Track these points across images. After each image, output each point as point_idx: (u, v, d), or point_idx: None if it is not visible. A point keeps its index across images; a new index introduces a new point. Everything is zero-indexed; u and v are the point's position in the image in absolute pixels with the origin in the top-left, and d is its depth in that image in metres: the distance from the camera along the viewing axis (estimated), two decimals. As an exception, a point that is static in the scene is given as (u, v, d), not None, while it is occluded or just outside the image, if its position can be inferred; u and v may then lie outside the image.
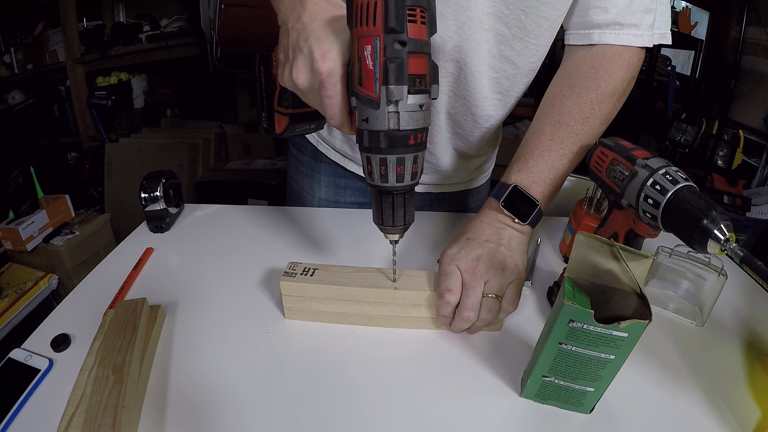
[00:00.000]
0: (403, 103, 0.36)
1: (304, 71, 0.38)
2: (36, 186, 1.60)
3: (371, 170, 0.39)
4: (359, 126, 0.38)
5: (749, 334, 0.52)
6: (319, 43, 0.37)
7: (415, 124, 0.37)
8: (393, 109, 0.36)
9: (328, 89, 0.37)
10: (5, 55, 2.38)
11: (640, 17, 0.52)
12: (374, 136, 0.37)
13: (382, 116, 0.36)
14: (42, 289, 1.42)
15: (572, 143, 0.52)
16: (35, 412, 0.40)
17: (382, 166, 0.38)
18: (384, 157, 0.38)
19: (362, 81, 0.36)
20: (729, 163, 1.99)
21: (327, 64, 0.37)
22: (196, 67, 2.31)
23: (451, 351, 0.48)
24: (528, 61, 0.57)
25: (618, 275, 0.38)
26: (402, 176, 0.39)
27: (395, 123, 0.36)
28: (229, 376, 0.44)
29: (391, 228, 0.43)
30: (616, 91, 0.53)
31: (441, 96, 0.59)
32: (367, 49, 0.34)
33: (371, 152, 0.38)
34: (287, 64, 0.40)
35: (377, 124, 0.36)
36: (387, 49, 0.34)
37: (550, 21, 0.54)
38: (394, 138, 0.37)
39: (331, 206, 0.78)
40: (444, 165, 0.70)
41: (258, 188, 2.00)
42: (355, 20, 0.35)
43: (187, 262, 0.62)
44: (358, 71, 0.36)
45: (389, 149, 0.37)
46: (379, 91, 0.35)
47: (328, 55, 0.37)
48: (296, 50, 0.39)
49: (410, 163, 0.39)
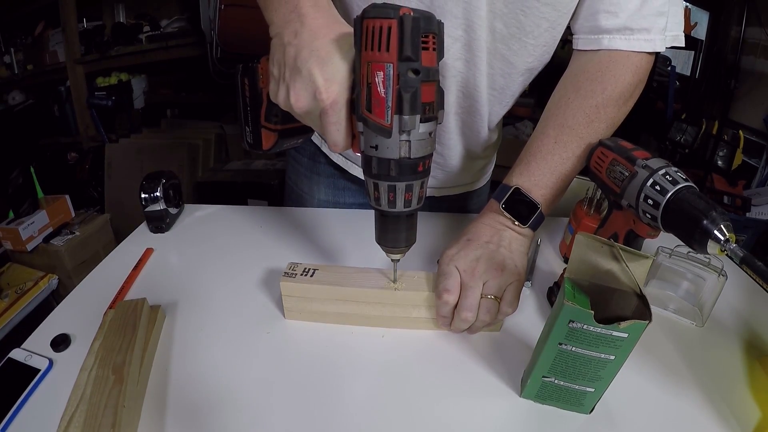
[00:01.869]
0: (415, 132, 0.35)
1: (304, 95, 0.37)
2: (36, 186, 1.60)
3: (378, 196, 0.39)
4: (367, 152, 0.37)
5: (749, 334, 0.52)
6: (321, 66, 0.36)
7: (424, 152, 0.37)
8: (405, 138, 0.35)
9: (331, 116, 0.36)
10: (5, 55, 2.38)
11: (652, 21, 0.50)
12: (384, 164, 0.36)
13: (394, 145, 0.35)
14: (42, 289, 1.42)
15: (576, 147, 0.51)
16: (35, 412, 0.40)
17: (391, 193, 0.38)
18: (393, 184, 0.37)
19: (372, 108, 0.35)
20: (729, 164, 1.98)
21: (331, 91, 0.36)
22: (196, 67, 2.31)
23: (451, 351, 0.48)
24: (525, 60, 0.57)
25: (618, 275, 0.38)
26: (409, 202, 0.39)
27: (406, 151, 0.36)
28: (229, 376, 0.44)
29: (394, 249, 0.44)
30: (622, 95, 0.52)
31: (450, 97, 0.59)
32: (378, 76, 0.33)
33: (380, 179, 0.38)
34: (282, 83, 0.38)
35: (388, 152, 0.36)
36: (401, 77, 0.33)
37: (550, 22, 0.53)
38: (404, 166, 0.36)
39: (330, 207, 0.78)
40: (452, 165, 0.70)
41: (258, 189, 1.99)
42: (364, 43, 0.33)
43: (187, 263, 0.62)
44: (367, 97, 0.34)
45: (399, 177, 0.37)
46: (391, 120, 0.34)
47: (333, 80, 0.36)
48: (294, 71, 0.37)
49: (417, 189, 0.39)
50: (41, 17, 2.32)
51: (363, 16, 0.33)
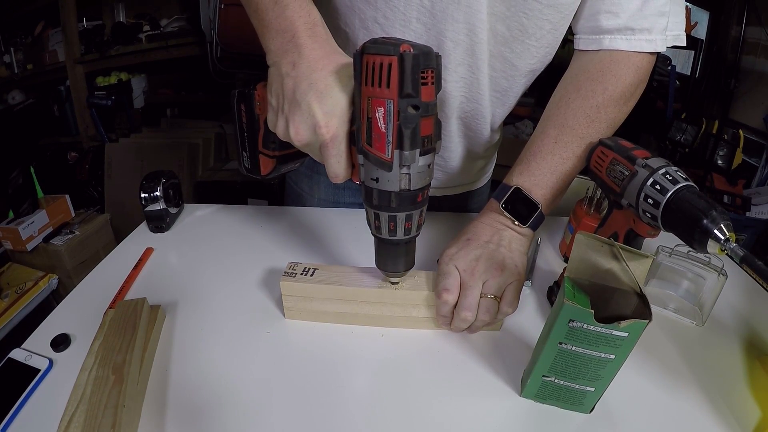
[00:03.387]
0: (414, 165, 0.36)
1: (303, 129, 0.37)
2: (36, 186, 1.60)
3: (379, 225, 0.40)
4: (368, 184, 0.38)
5: (749, 334, 0.52)
6: (320, 100, 0.36)
7: (423, 183, 0.38)
8: (405, 171, 0.36)
9: (332, 150, 0.37)
10: (5, 55, 2.38)
11: (653, 21, 0.50)
12: (385, 196, 0.37)
13: (394, 178, 0.36)
14: (42, 289, 1.42)
15: (576, 146, 0.51)
16: (35, 412, 0.40)
17: (392, 223, 0.39)
18: (394, 215, 0.38)
19: (372, 142, 0.35)
20: (729, 163, 1.98)
21: (331, 126, 0.36)
22: (196, 67, 2.31)
23: (451, 351, 0.48)
24: (528, 62, 0.57)
25: (618, 275, 0.38)
26: (409, 230, 0.40)
27: (406, 184, 0.37)
28: (229, 376, 0.44)
29: (394, 273, 0.45)
30: (623, 95, 0.51)
31: (453, 101, 0.59)
32: (379, 111, 0.34)
33: (381, 210, 0.39)
34: (281, 114, 0.39)
35: (389, 185, 0.37)
36: (401, 113, 0.34)
37: (552, 23, 0.53)
38: (404, 197, 0.37)
39: (330, 206, 0.78)
40: (453, 166, 0.70)
41: (258, 188, 1.99)
42: (364, 79, 0.34)
43: (187, 262, 0.62)
44: (368, 131, 0.35)
45: (399, 208, 0.38)
46: (392, 155, 0.35)
47: (332, 114, 0.36)
48: (293, 104, 0.37)
49: (417, 218, 0.40)
50: (41, 17, 2.32)
51: (363, 51, 0.34)
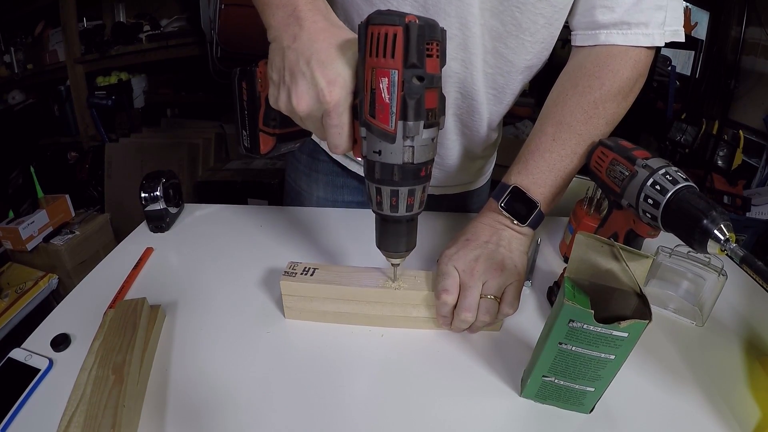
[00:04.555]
0: (418, 138, 0.36)
1: (306, 98, 0.37)
2: (36, 186, 1.60)
3: (381, 201, 0.39)
4: (370, 157, 0.37)
5: (749, 334, 0.52)
6: (323, 69, 0.36)
7: (426, 157, 0.37)
8: (409, 144, 0.36)
9: (334, 119, 0.37)
10: (5, 55, 2.37)
11: (650, 15, 0.50)
12: (387, 169, 0.37)
13: (398, 150, 0.36)
14: (42, 289, 1.42)
15: (575, 144, 0.51)
16: (35, 412, 0.40)
17: (394, 198, 0.39)
18: (396, 189, 0.38)
19: (376, 113, 0.35)
20: (729, 163, 1.98)
21: (335, 93, 0.36)
22: (196, 67, 2.31)
23: (451, 351, 0.48)
24: (524, 58, 0.56)
25: (618, 275, 0.38)
26: (411, 206, 0.40)
27: (410, 157, 0.36)
28: (229, 376, 0.44)
29: (395, 253, 0.44)
30: (621, 90, 0.51)
31: (447, 97, 0.58)
32: (383, 82, 0.34)
33: (383, 184, 0.38)
34: (283, 86, 0.38)
35: (392, 157, 0.36)
36: (405, 84, 0.33)
37: (546, 18, 0.52)
38: (407, 171, 0.37)
39: (330, 205, 0.78)
40: (450, 165, 0.70)
41: (258, 188, 1.99)
42: (369, 50, 0.34)
43: (187, 262, 0.62)
44: (371, 102, 0.35)
45: (402, 182, 0.37)
46: (396, 126, 0.35)
47: (335, 83, 0.36)
48: (296, 73, 0.37)
49: (419, 193, 0.39)
50: (41, 17, 2.32)
51: (368, 22, 0.34)
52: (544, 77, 0.64)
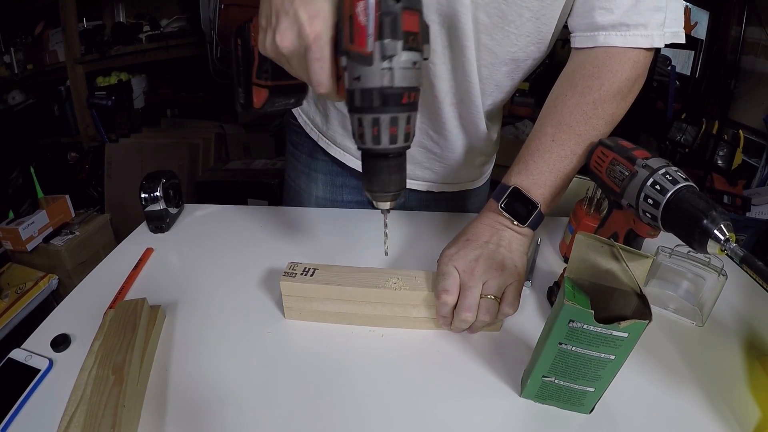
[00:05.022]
0: (397, 59, 0.35)
1: (289, 34, 0.37)
2: (36, 186, 1.60)
3: (363, 132, 0.38)
4: (350, 86, 0.37)
5: (749, 334, 0.52)
6: (305, 5, 0.36)
7: (408, 82, 0.36)
8: (387, 65, 0.35)
9: (315, 52, 0.36)
10: (5, 55, 2.38)
11: (649, 16, 0.50)
12: (367, 95, 0.36)
13: (376, 73, 0.35)
14: (42, 289, 1.42)
15: (574, 144, 0.51)
16: (35, 412, 0.40)
17: (375, 127, 0.37)
18: (377, 116, 0.37)
19: (354, 38, 0.35)
20: (729, 163, 1.98)
21: (315, 26, 0.36)
22: (196, 67, 2.31)
23: (451, 351, 0.48)
24: (508, 50, 0.56)
25: (618, 275, 0.38)
26: (395, 137, 0.38)
27: (389, 80, 0.35)
28: (228, 376, 0.44)
29: (383, 195, 0.42)
30: (620, 91, 0.51)
31: (443, 84, 0.59)
32: (359, 6, 0.34)
33: (363, 112, 0.37)
34: (269, 29, 0.39)
35: (370, 81, 0.35)
36: (381, 3, 0.33)
37: (533, 12, 0.52)
38: (387, 95, 0.36)
39: (329, 205, 0.78)
40: (451, 158, 0.70)
41: (258, 188, 1.99)
42: None
43: (187, 262, 0.62)
44: (350, 29, 0.35)
45: (382, 107, 0.36)
46: (373, 47, 0.34)
47: (316, 16, 0.36)
48: (280, 13, 0.37)
49: (403, 123, 0.38)
50: (41, 17, 2.32)
51: None
52: (544, 77, 0.64)
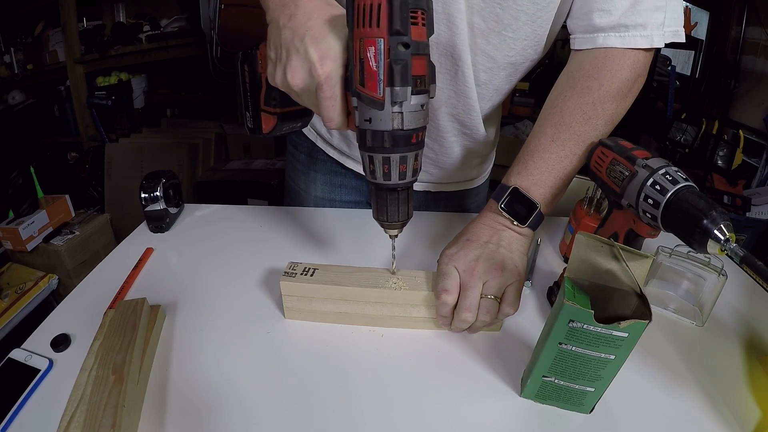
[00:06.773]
0: (406, 104, 0.36)
1: (300, 72, 0.38)
2: (36, 186, 1.60)
3: (374, 169, 0.40)
4: (361, 126, 0.38)
5: (749, 334, 0.52)
6: (316, 44, 0.37)
7: (416, 124, 0.38)
8: (397, 110, 0.37)
9: (326, 91, 0.38)
10: (5, 55, 2.38)
11: (648, 17, 0.50)
12: (378, 136, 0.38)
13: (387, 117, 0.37)
14: (42, 289, 1.42)
15: (574, 144, 0.51)
16: (35, 412, 0.40)
17: (386, 165, 0.39)
18: (387, 156, 0.39)
19: (365, 82, 0.36)
20: (729, 163, 1.98)
21: (326, 66, 0.37)
22: (196, 67, 2.31)
23: (451, 351, 0.48)
24: (505, 54, 0.56)
25: (618, 275, 0.38)
26: (404, 174, 0.40)
27: (399, 123, 0.37)
28: (229, 376, 0.44)
29: (392, 224, 0.44)
30: (620, 91, 0.51)
31: (440, 94, 0.59)
32: (370, 51, 0.35)
33: (374, 152, 0.39)
34: (279, 63, 0.40)
35: (381, 124, 0.37)
36: (391, 51, 0.35)
37: (529, 15, 0.53)
38: (397, 137, 0.38)
39: (327, 205, 0.78)
40: (447, 162, 0.70)
41: (258, 188, 1.99)
42: (356, 21, 0.35)
43: (187, 262, 0.62)
44: (360, 72, 0.36)
45: (393, 148, 0.38)
46: (384, 93, 0.36)
47: (327, 56, 0.37)
48: (291, 50, 0.38)
49: (412, 161, 0.40)
50: (41, 17, 2.32)
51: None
52: (544, 77, 0.64)
